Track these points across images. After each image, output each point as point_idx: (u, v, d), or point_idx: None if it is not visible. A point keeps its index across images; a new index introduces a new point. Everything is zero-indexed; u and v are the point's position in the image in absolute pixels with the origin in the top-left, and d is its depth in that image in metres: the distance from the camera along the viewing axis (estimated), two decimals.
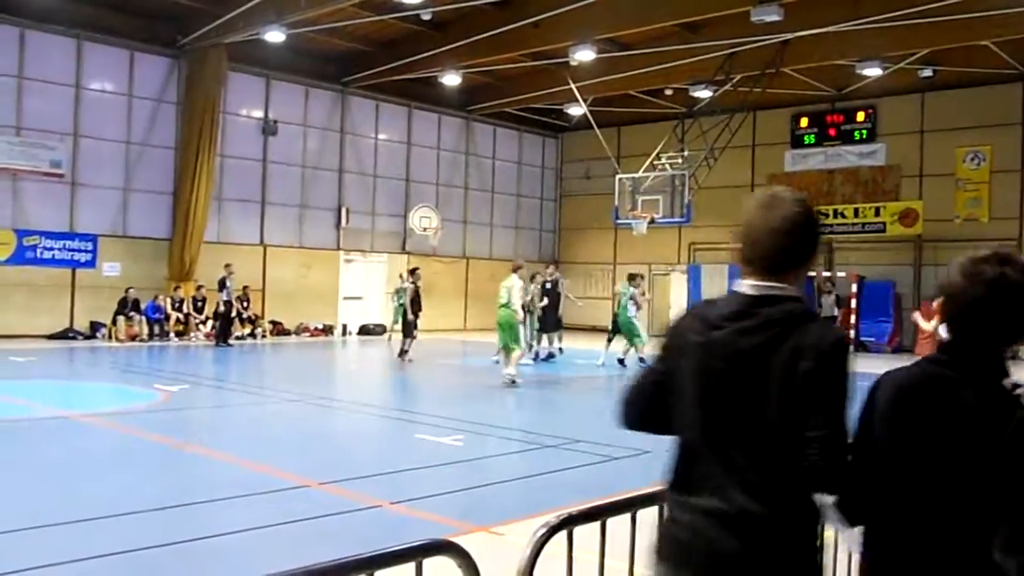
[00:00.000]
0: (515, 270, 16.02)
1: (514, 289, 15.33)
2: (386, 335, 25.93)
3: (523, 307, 16.12)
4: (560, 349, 20.92)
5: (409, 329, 19.54)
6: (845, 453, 2.17)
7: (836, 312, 21.46)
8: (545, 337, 20.71)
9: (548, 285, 20.68)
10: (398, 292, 23.89)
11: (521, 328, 15.68)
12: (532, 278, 19.99)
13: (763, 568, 2.16)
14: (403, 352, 19.39)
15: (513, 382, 14.67)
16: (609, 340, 19.81)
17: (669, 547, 2.34)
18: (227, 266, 22.70)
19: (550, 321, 20.58)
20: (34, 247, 21.70)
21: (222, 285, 22.31)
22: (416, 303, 19.58)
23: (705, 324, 2.32)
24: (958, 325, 2.22)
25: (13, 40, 21.46)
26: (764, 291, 2.28)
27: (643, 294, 19.70)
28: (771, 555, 2.16)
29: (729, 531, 2.18)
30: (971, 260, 2.24)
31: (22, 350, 18.71)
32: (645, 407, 2.51)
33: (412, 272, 20.22)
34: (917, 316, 18.60)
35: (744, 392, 2.22)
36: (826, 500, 2.23)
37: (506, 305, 15.22)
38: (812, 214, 2.35)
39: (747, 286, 2.31)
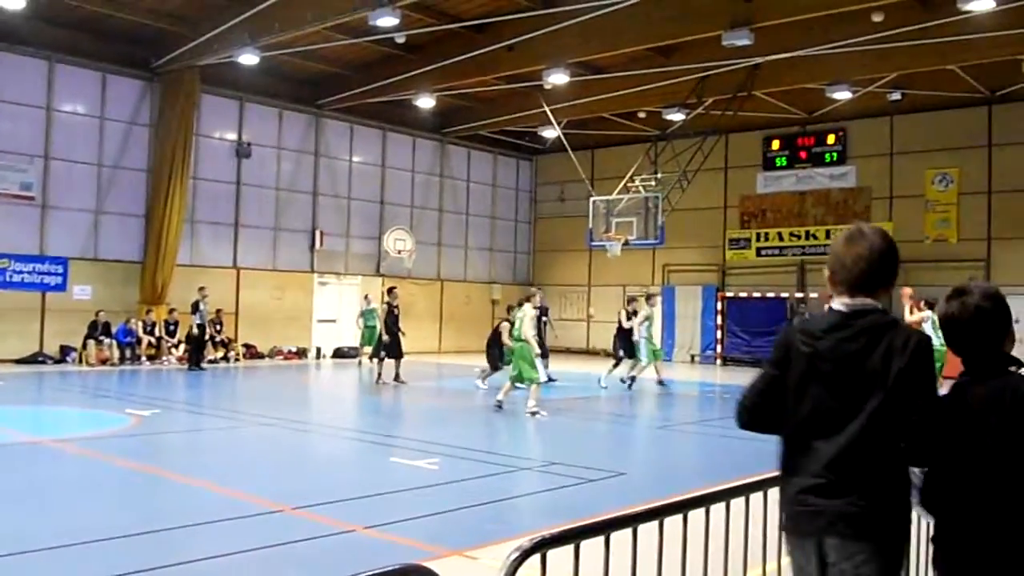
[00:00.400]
0: (527, 300, 15.56)
1: (526, 319, 14.79)
2: (357, 359, 25.79)
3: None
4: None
5: (392, 350, 19.28)
6: (936, 430, 2.71)
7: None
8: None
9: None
10: (364, 315, 23.81)
11: (539, 359, 15.06)
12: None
13: (860, 521, 2.73)
14: (380, 376, 19.23)
15: (535, 413, 14.12)
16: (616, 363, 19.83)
17: (791, 522, 2.92)
18: (201, 289, 22.51)
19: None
20: (3, 270, 21.44)
21: (195, 308, 22.10)
22: (393, 323, 19.35)
23: (810, 336, 2.91)
24: (953, 348, 2.84)
25: None
26: (855, 307, 2.86)
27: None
28: (866, 510, 2.73)
29: (839, 500, 2.75)
30: (945, 298, 2.86)
31: None
32: (760, 409, 3.02)
33: (390, 291, 20.02)
34: (905, 294, 18.15)
35: (849, 387, 2.78)
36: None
37: (519, 338, 14.68)
38: (892, 244, 2.93)
39: (841, 304, 2.90)
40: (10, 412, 13.81)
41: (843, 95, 24.21)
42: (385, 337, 19.21)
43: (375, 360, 19.38)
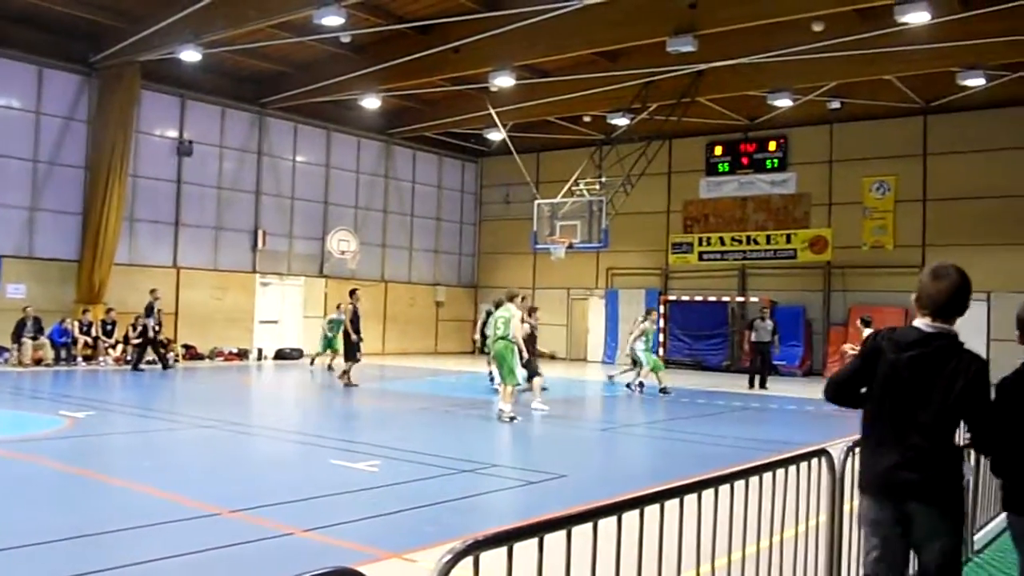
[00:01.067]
0: (511, 299, 14.77)
1: (514, 319, 14.16)
2: (307, 359, 25.54)
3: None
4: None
5: (352, 352, 19.19)
6: (991, 431, 3.74)
7: (773, 337, 21.58)
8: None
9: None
10: (332, 323, 23.26)
11: (517, 361, 14.31)
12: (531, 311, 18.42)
13: (931, 490, 3.67)
14: (346, 374, 19.09)
15: (512, 419, 13.64)
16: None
17: (869, 481, 3.83)
18: (153, 291, 22.17)
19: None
20: None
21: (149, 311, 21.74)
22: (355, 324, 19.26)
23: (896, 347, 3.81)
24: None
25: None
26: (936, 329, 3.78)
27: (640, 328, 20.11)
28: (934, 483, 3.68)
29: (909, 470, 3.68)
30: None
31: None
32: (846, 390, 4.00)
33: (352, 293, 19.93)
34: (847, 348, 19.17)
35: (919, 392, 3.71)
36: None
37: (504, 337, 14.08)
38: (968, 281, 3.83)
39: (924, 325, 3.81)
40: None
41: (784, 103, 24.63)
42: (354, 337, 19.07)
43: (350, 362, 19.19)
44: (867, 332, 16.40)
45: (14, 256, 22.27)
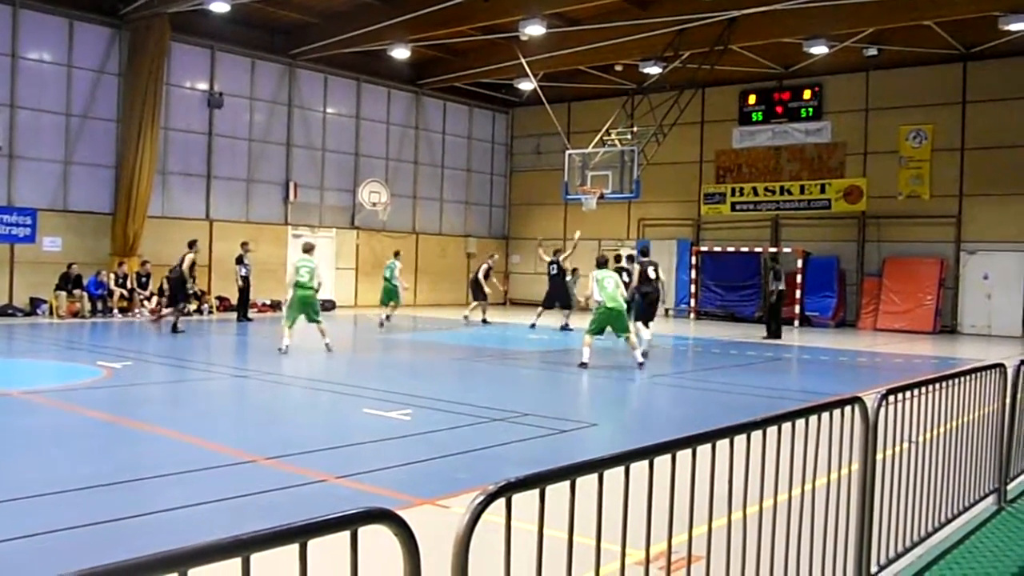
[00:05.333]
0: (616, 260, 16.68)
1: (615, 279, 14.80)
2: (341, 311, 25.71)
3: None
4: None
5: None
6: None
7: (781, 286, 21.78)
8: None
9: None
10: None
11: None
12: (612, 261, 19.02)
13: None
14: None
15: (641, 364, 14.59)
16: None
17: None
18: (244, 244, 22.97)
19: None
20: None
21: (240, 260, 22.47)
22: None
23: None
24: None
25: None
26: None
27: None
28: None
29: None
30: None
31: None
32: None
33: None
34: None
35: None
36: None
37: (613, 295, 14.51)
38: None
39: None
40: None
41: (820, 50, 24.15)
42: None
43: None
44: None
45: (49, 209, 22.52)
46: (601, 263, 15.30)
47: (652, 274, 16.59)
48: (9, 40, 21.76)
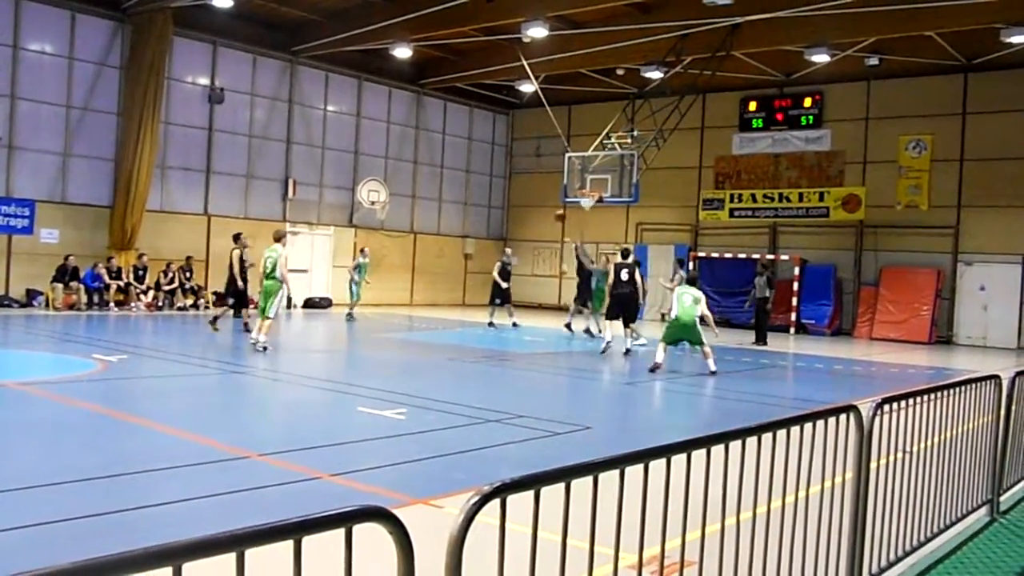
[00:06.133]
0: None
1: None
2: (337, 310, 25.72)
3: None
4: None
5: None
6: None
7: (768, 293, 21.87)
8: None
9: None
10: (359, 268, 23.78)
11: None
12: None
13: None
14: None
15: (714, 373, 14.96)
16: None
17: None
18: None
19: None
20: None
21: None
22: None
23: None
24: None
25: None
26: None
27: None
28: None
29: None
30: None
31: None
32: None
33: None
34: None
35: None
36: None
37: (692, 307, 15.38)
38: None
39: None
40: None
41: (821, 58, 24.18)
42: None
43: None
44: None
45: (48, 201, 22.49)
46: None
47: (625, 276, 17.51)
48: (11, 31, 21.73)
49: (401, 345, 18.93)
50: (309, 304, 27.33)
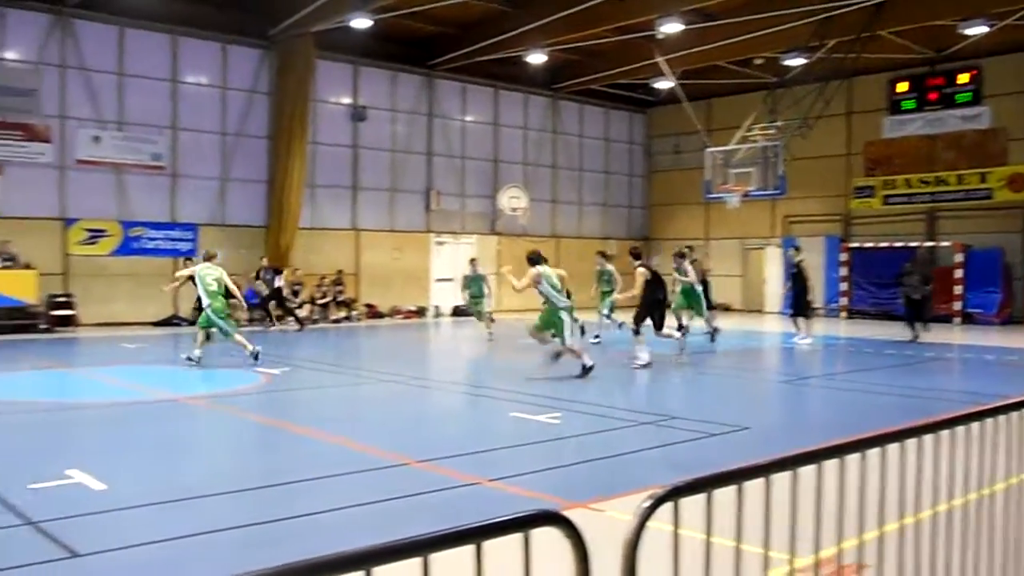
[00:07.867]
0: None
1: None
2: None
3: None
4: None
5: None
6: None
7: (924, 293, 19.84)
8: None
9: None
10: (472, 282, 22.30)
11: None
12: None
13: None
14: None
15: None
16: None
17: None
18: (262, 259, 23.01)
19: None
20: (138, 238, 22.52)
21: (258, 276, 22.77)
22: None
23: None
24: None
25: (113, 39, 22.21)
26: None
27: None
28: None
29: None
30: None
31: (130, 337, 19.47)
32: None
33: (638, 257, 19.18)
34: None
35: None
36: None
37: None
38: None
39: None
40: (149, 371, 14.54)
41: (978, 30, 22.80)
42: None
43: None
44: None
45: (209, 224, 23.72)
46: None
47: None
48: (169, 67, 23.06)
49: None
50: (456, 312, 27.78)
